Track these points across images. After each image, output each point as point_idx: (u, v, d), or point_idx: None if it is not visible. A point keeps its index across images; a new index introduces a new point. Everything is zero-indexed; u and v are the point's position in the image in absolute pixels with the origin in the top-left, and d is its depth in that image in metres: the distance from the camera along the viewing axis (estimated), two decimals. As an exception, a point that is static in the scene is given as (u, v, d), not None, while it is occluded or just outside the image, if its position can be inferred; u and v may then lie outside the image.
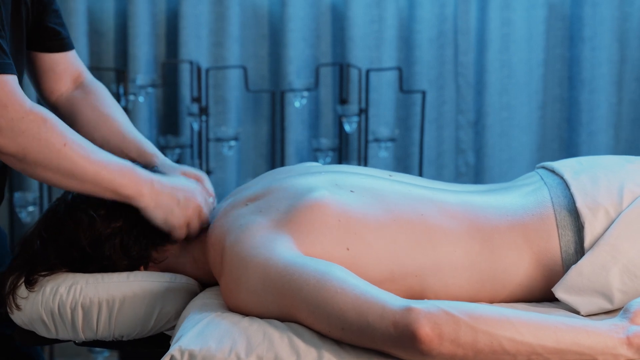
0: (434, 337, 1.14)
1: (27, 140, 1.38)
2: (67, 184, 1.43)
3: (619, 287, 1.34)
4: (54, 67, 1.73)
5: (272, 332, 1.25)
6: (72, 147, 1.41)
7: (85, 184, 1.42)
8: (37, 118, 1.39)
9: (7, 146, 1.38)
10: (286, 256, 1.29)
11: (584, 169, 1.46)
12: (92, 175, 1.42)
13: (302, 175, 1.48)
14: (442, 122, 2.93)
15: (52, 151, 1.39)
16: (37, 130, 1.38)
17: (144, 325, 1.48)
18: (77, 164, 1.41)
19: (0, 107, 1.36)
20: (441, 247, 1.37)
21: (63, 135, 1.40)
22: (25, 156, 1.39)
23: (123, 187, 1.44)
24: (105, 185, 1.43)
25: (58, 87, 1.75)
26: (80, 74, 1.78)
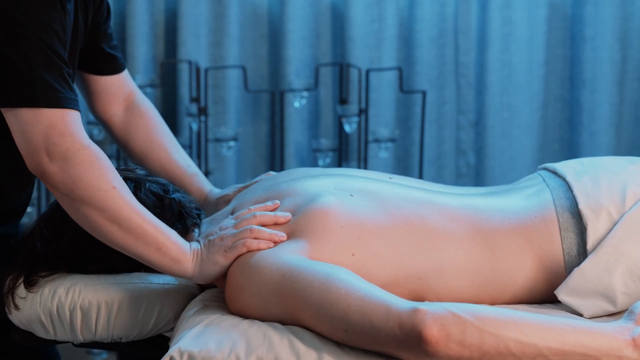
0: (440, 338, 1.15)
1: (79, 173, 1.35)
2: (109, 229, 1.37)
3: (622, 289, 1.34)
4: (107, 88, 1.76)
5: (272, 333, 1.25)
6: (121, 192, 1.37)
7: (127, 235, 1.37)
8: (93, 154, 1.37)
9: (57, 176, 1.35)
10: (290, 259, 1.29)
11: (586, 170, 1.46)
12: (137, 225, 1.37)
13: (307, 178, 1.48)
14: (442, 123, 2.93)
15: (101, 190, 1.35)
16: (90, 165, 1.36)
17: (142, 327, 1.47)
18: (123, 209, 1.36)
19: (59, 136, 1.35)
20: (443, 250, 1.37)
21: (115, 178, 1.38)
22: (72, 190, 1.36)
23: (167, 247, 1.39)
24: (149, 240, 1.37)
25: (110, 107, 1.78)
26: (131, 93, 1.81)
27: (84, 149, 1.36)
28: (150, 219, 1.38)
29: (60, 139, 1.35)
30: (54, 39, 1.39)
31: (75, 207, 1.37)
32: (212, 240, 1.41)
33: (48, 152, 1.35)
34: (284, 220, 1.39)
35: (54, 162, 1.35)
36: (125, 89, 1.80)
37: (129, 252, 1.39)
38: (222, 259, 1.38)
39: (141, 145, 1.77)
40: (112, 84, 1.77)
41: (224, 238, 1.39)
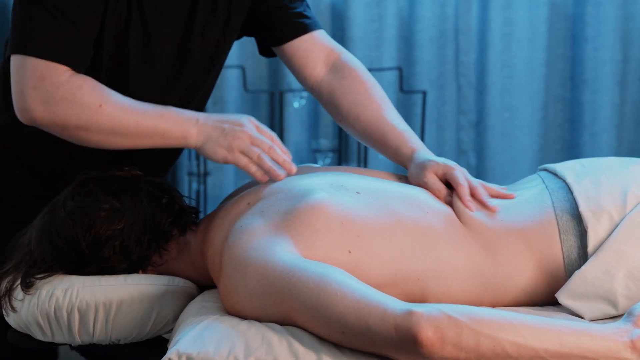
0: (436, 340, 1.14)
1: (63, 109, 1.44)
2: (114, 141, 1.48)
3: (623, 292, 1.33)
4: (296, 53, 1.72)
5: (270, 335, 1.24)
6: (109, 105, 1.45)
7: (131, 138, 1.47)
8: (73, 86, 1.45)
9: (45, 117, 1.45)
10: (286, 259, 1.28)
11: (586, 172, 1.46)
12: (134, 126, 1.46)
13: (306, 175, 1.48)
14: (443, 123, 2.93)
15: (89, 113, 1.45)
16: (72, 97, 1.44)
17: (141, 329, 1.47)
18: (115, 119, 1.45)
19: (39, 79, 1.44)
20: (443, 251, 1.37)
21: (99, 97, 1.46)
22: (65, 124, 1.45)
23: (169, 131, 1.47)
24: (150, 133, 1.47)
25: (309, 72, 1.72)
26: (332, 52, 1.73)
27: (64, 85, 1.45)
28: (143, 112, 1.47)
29: (39, 82, 1.44)
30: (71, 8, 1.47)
31: (75, 136, 1.48)
32: (226, 130, 1.48)
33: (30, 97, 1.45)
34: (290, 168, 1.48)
35: (41, 106, 1.45)
36: (321, 49, 1.72)
37: (142, 147, 1.50)
38: (222, 153, 1.47)
39: (350, 108, 1.68)
40: (302, 47, 1.71)
41: (236, 139, 1.47)
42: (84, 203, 1.48)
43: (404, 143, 1.61)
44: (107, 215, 1.47)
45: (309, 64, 1.72)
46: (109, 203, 1.47)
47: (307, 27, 1.71)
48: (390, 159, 1.64)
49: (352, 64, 1.73)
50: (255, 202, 1.43)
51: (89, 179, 1.51)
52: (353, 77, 1.70)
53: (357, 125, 1.67)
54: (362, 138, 1.68)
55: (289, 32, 1.70)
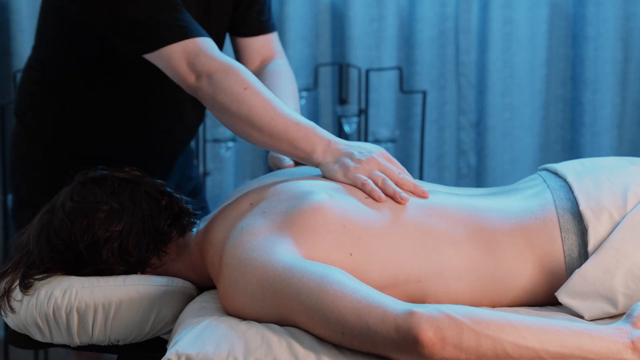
0: (436, 341, 1.14)
1: (215, 82, 1.54)
2: (249, 132, 1.53)
3: (623, 291, 1.33)
4: (242, 50, 1.93)
5: (270, 336, 1.24)
6: (253, 91, 1.53)
7: (262, 134, 1.52)
8: (224, 66, 1.56)
9: (204, 88, 1.55)
10: (285, 259, 1.28)
11: (587, 171, 1.46)
12: (267, 123, 1.51)
13: (307, 177, 1.48)
14: (443, 123, 2.92)
15: (233, 95, 1.53)
16: (223, 75, 1.54)
17: (140, 330, 1.47)
18: (254, 108, 1.52)
19: (194, 55, 1.56)
20: (444, 252, 1.36)
21: (245, 81, 1.54)
22: (213, 102, 1.56)
23: (298, 140, 1.51)
24: (279, 136, 1.51)
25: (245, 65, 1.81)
26: (271, 56, 1.93)
27: (214, 62, 1.56)
28: (281, 113, 1.52)
29: (195, 57, 1.56)
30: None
31: (220, 117, 1.56)
32: (354, 155, 1.49)
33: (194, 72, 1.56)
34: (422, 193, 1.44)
35: (200, 79, 1.55)
36: (265, 50, 1.92)
37: (267, 148, 1.56)
38: (339, 174, 1.47)
39: None
40: (250, 45, 1.91)
41: (363, 162, 1.48)
42: (83, 204, 1.47)
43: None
44: (106, 217, 1.46)
45: (249, 59, 1.91)
46: (108, 204, 1.46)
47: (262, 30, 1.91)
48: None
49: (281, 65, 1.90)
50: (258, 202, 1.43)
51: (88, 179, 1.51)
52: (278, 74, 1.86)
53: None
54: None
55: (248, 30, 1.90)
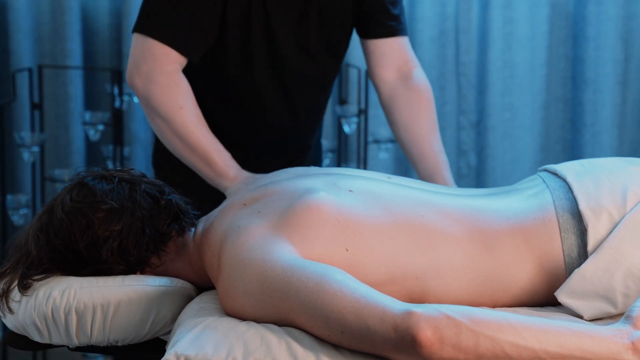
0: (435, 341, 1.14)
1: (155, 90, 1.71)
2: (173, 140, 1.73)
3: (622, 291, 1.33)
4: (375, 51, 1.92)
5: (269, 336, 1.23)
6: (188, 112, 1.71)
7: (184, 148, 1.72)
8: (171, 79, 1.72)
9: (141, 88, 1.72)
10: (284, 259, 1.28)
11: (586, 171, 1.46)
12: (194, 140, 1.71)
13: (301, 177, 1.48)
14: (443, 123, 2.92)
15: (170, 107, 1.71)
16: (167, 87, 1.71)
17: (139, 330, 1.46)
18: (185, 126, 1.71)
19: (152, 59, 1.71)
20: (442, 251, 1.36)
21: (185, 101, 1.72)
22: (148, 101, 1.72)
23: (214, 162, 1.71)
24: (200, 153, 1.71)
25: (380, 71, 1.92)
26: (408, 63, 1.93)
27: (169, 74, 1.71)
28: (207, 137, 1.72)
29: (152, 60, 1.71)
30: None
31: (150, 115, 1.74)
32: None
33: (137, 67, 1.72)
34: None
35: (141, 77, 1.72)
36: (399, 56, 1.92)
37: (185, 160, 1.74)
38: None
39: (404, 117, 1.89)
40: (381, 47, 1.90)
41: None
42: (82, 203, 1.47)
43: (439, 172, 1.83)
44: (105, 216, 1.46)
45: (384, 64, 1.91)
46: (107, 204, 1.46)
47: (395, 32, 1.90)
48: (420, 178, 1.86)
49: (422, 81, 1.92)
50: (252, 203, 1.42)
51: (87, 179, 1.50)
52: (420, 93, 1.90)
53: (404, 134, 1.89)
54: (403, 146, 1.90)
55: (378, 32, 1.89)
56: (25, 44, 2.75)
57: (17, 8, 2.73)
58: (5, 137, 2.71)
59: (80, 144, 2.86)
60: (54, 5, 2.76)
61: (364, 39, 1.92)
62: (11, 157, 2.80)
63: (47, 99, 2.79)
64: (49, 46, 2.80)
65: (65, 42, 2.75)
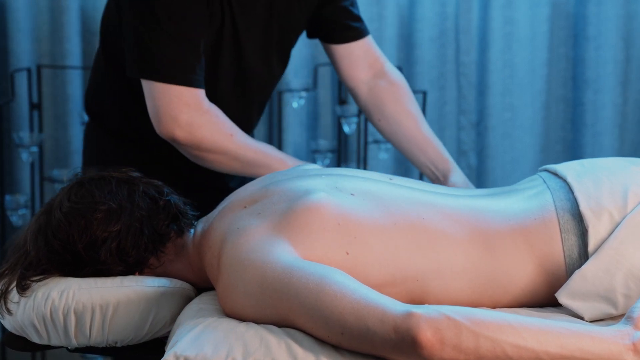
0: (435, 342, 1.13)
1: (204, 132, 1.71)
2: (230, 165, 1.76)
3: (623, 292, 1.32)
4: (347, 55, 1.93)
5: (269, 337, 1.23)
6: (237, 137, 1.75)
7: (245, 166, 1.76)
8: (213, 115, 1.72)
9: (186, 138, 1.71)
10: (284, 260, 1.27)
11: (587, 172, 1.45)
12: (252, 157, 1.75)
13: (301, 177, 1.47)
14: (443, 123, 2.92)
15: (222, 139, 1.73)
16: (213, 124, 1.72)
17: (138, 331, 1.46)
18: (240, 149, 1.74)
19: (185, 106, 1.69)
20: (442, 252, 1.36)
21: (230, 127, 1.74)
22: (200, 144, 1.72)
23: (273, 165, 1.74)
24: (260, 164, 1.75)
25: (355, 73, 1.94)
26: (378, 60, 1.96)
27: (205, 114, 1.71)
28: (257, 147, 1.77)
29: (185, 108, 1.69)
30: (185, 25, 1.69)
31: (204, 156, 1.75)
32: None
33: (176, 120, 1.69)
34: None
35: (182, 129, 1.70)
36: (369, 56, 1.94)
37: (247, 175, 1.79)
38: None
39: (391, 111, 1.92)
40: (353, 51, 1.92)
41: None
42: (80, 204, 1.46)
43: (444, 158, 1.89)
44: (104, 217, 1.45)
45: (357, 66, 1.93)
46: (106, 204, 1.46)
47: (362, 33, 1.92)
48: (421, 168, 1.91)
49: (397, 74, 1.96)
50: (252, 204, 1.42)
51: (85, 179, 1.50)
52: (400, 86, 1.94)
53: (396, 130, 1.92)
54: (398, 140, 1.93)
55: (347, 36, 1.91)
56: (24, 43, 2.75)
57: (16, 8, 2.72)
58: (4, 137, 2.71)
59: (79, 144, 2.85)
60: (53, 5, 2.75)
61: (330, 44, 1.93)
62: (10, 157, 2.79)
63: (46, 99, 2.79)
64: (47, 46, 2.79)
65: (64, 42, 2.75)
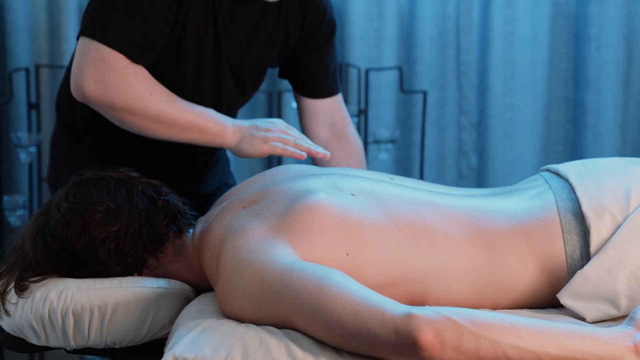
0: (436, 344, 1.13)
1: (115, 91, 1.59)
2: (154, 128, 1.63)
3: (625, 292, 1.32)
4: (311, 108, 1.91)
5: (268, 339, 1.23)
6: (158, 96, 1.62)
7: (172, 128, 1.63)
8: (129, 73, 1.61)
9: (97, 95, 1.60)
10: (284, 261, 1.27)
11: (589, 172, 1.45)
12: (177, 117, 1.62)
13: (301, 177, 1.47)
14: (444, 124, 2.92)
15: (139, 99, 1.60)
16: (126, 82, 1.60)
17: (137, 332, 1.46)
18: (162, 108, 1.62)
19: (99, 61, 1.59)
20: (443, 252, 1.36)
21: (150, 86, 1.62)
22: (114, 105, 1.61)
23: (207, 127, 1.63)
24: (190, 126, 1.63)
25: (314, 127, 1.92)
26: (341, 121, 1.93)
27: (121, 70, 1.60)
28: (187, 108, 1.64)
29: (100, 63, 1.59)
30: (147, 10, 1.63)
31: (120, 118, 1.63)
32: (258, 126, 1.64)
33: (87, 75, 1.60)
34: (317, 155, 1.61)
35: (96, 86, 1.60)
36: (334, 115, 1.92)
37: (176, 140, 1.65)
38: (259, 145, 1.62)
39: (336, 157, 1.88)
40: (319, 106, 1.90)
41: (269, 131, 1.63)
42: (79, 204, 1.46)
43: None
44: (102, 217, 1.45)
45: (319, 122, 1.91)
46: (104, 205, 1.45)
47: (334, 91, 1.91)
48: None
49: (355, 139, 1.94)
50: (251, 205, 1.42)
51: (83, 180, 1.50)
52: (353, 152, 1.92)
53: None
54: None
55: (318, 92, 1.89)
56: (22, 43, 2.74)
57: (13, 7, 2.72)
58: (2, 137, 2.71)
59: (78, 144, 2.85)
60: (51, 5, 2.75)
61: (300, 95, 1.91)
62: (8, 157, 2.79)
63: (44, 99, 2.78)
64: (46, 46, 2.79)
65: (62, 41, 2.74)
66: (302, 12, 1.80)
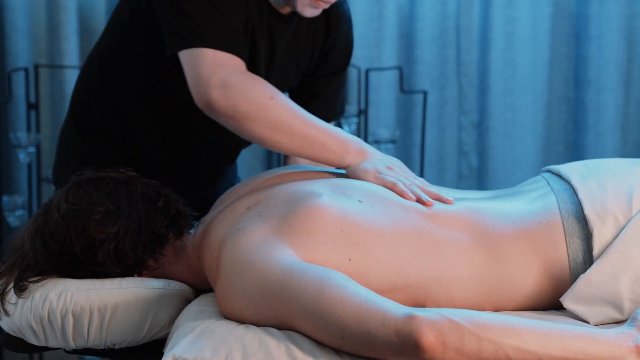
0: (437, 345, 1.13)
1: (238, 93, 1.50)
2: (274, 137, 1.52)
3: (629, 296, 1.32)
4: None
5: (268, 340, 1.23)
6: (279, 101, 1.52)
7: (291, 139, 1.52)
8: (248, 76, 1.53)
9: (221, 100, 1.51)
10: (284, 262, 1.27)
11: (591, 173, 1.45)
12: (298, 128, 1.52)
13: (305, 179, 1.47)
14: (444, 124, 2.92)
15: (259, 103, 1.51)
16: (248, 85, 1.52)
17: (136, 333, 1.46)
18: (283, 115, 1.52)
19: (218, 65, 1.52)
20: (446, 258, 1.35)
21: (271, 91, 1.53)
22: (235, 109, 1.51)
23: (329, 143, 1.53)
24: (311, 139, 1.52)
25: None
26: None
27: (239, 74, 1.53)
28: (309, 118, 1.53)
29: (218, 67, 1.52)
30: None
31: (241, 126, 1.52)
32: (385, 160, 1.53)
33: (208, 80, 1.51)
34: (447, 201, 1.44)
35: (215, 89, 1.50)
36: None
37: (296, 153, 1.55)
38: (370, 175, 1.49)
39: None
40: None
41: (392, 170, 1.51)
42: (78, 205, 1.46)
43: None
44: (102, 218, 1.45)
45: None
46: (104, 205, 1.45)
47: (336, 116, 1.88)
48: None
49: None
50: (254, 206, 1.42)
51: (83, 180, 1.49)
52: None
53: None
54: None
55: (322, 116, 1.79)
56: (21, 43, 2.74)
57: (13, 7, 2.72)
58: (1, 137, 2.70)
59: (77, 144, 2.85)
60: (51, 4, 2.74)
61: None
62: (7, 157, 2.79)
63: (44, 99, 2.78)
64: (45, 45, 2.79)
65: (61, 41, 2.74)
66: (326, 22, 1.76)
